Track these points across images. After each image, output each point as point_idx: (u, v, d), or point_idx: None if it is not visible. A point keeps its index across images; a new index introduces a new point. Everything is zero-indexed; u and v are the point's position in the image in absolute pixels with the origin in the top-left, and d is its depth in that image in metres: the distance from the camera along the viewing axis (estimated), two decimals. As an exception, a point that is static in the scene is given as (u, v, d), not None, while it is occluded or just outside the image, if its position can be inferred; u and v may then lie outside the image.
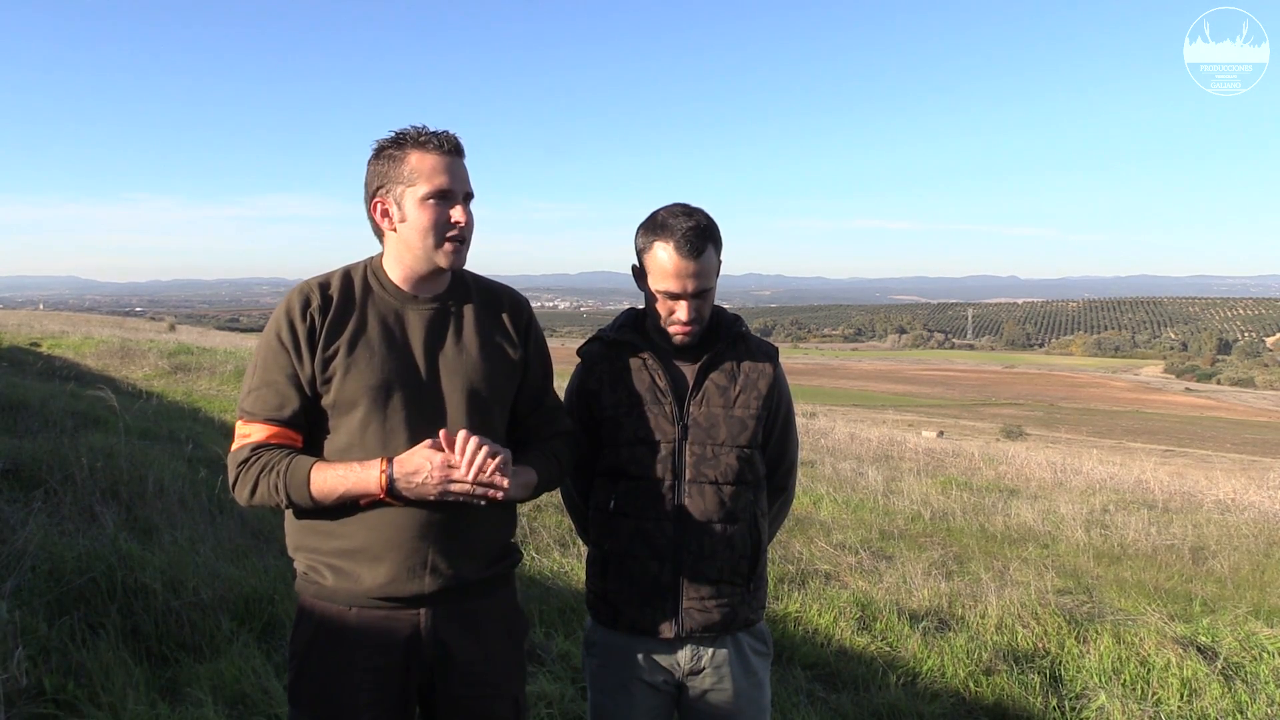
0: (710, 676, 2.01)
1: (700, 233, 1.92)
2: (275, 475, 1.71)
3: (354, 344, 1.75)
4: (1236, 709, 3.68)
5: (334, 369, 1.74)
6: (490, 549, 1.86)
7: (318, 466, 1.71)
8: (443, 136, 1.76)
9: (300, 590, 1.83)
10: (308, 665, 1.78)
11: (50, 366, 12.10)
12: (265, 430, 1.75)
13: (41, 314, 37.18)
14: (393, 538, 1.73)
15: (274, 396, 1.75)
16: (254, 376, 1.78)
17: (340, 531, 1.75)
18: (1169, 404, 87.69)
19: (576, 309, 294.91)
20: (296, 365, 1.74)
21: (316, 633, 1.78)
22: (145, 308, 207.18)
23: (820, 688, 3.70)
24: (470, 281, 1.92)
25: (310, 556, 1.79)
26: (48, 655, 2.92)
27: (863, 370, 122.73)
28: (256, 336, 11.47)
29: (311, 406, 1.77)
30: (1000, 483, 11.10)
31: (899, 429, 22.00)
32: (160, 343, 17.94)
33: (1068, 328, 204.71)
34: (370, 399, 1.73)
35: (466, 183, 1.79)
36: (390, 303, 1.81)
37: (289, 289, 1.84)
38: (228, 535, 4.40)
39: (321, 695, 1.76)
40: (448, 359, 1.81)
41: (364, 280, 1.83)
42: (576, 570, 4.64)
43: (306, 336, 1.74)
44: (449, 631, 1.79)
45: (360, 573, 1.74)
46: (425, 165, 1.74)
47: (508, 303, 1.94)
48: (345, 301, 1.79)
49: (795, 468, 2.21)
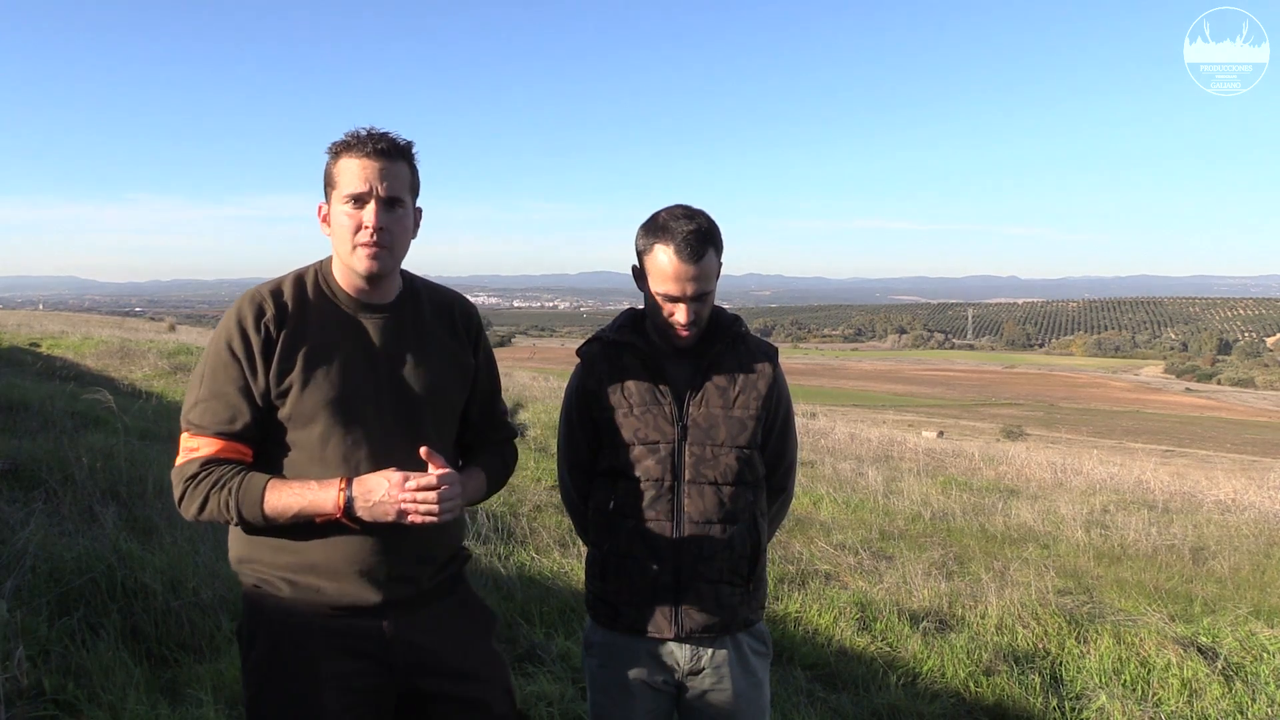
0: (710, 677, 2.01)
1: (701, 236, 1.91)
2: (227, 492, 1.66)
3: (311, 356, 1.70)
4: (1237, 709, 3.67)
5: (290, 381, 1.68)
6: (444, 555, 1.86)
7: (273, 484, 1.67)
8: (368, 137, 1.69)
9: (251, 603, 1.76)
10: (270, 680, 1.72)
11: (50, 367, 12.09)
12: (214, 444, 1.68)
13: (41, 314, 37.16)
14: (348, 553, 1.69)
15: (224, 409, 1.68)
16: (201, 387, 1.70)
17: (294, 547, 1.70)
18: (1169, 404, 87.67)
19: (576, 309, 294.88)
20: (249, 378, 1.68)
21: (276, 646, 1.72)
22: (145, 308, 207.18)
23: (820, 688, 3.70)
24: (421, 288, 1.89)
25: (261, 569, 1.73)
26: (48, 655, 2.92)
27: (863, 370, 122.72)
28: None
29: (264, 419, 1.70)
30: (1000, 483, 11.10)
31: (899, 429, 22.00)
32: (160, 343, 17.93)
33: (1068, 328, 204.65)
34: (330, 412, 1.69)
35: (390, 185, 1.69)
36: (344, 312, 1.77)
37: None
38: (227, 535, 4.39)
39: (288, 710, 1.70)
40: (408, 369, 1.78)
41: (316, 287, 1.77)
42: (576, 570, 4.64)
43: (261, 348, 1.68)
44: (414, 632, 1.77)
45: (320, 585, 1.70)
46: (346, 169, 1.69)
47: (459, 311, 1.92)
48: (300, 310, 1.73)
49: (795, 468, 2.21)
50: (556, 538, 5.27)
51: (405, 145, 1.74)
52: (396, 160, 1.71)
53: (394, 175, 1.70)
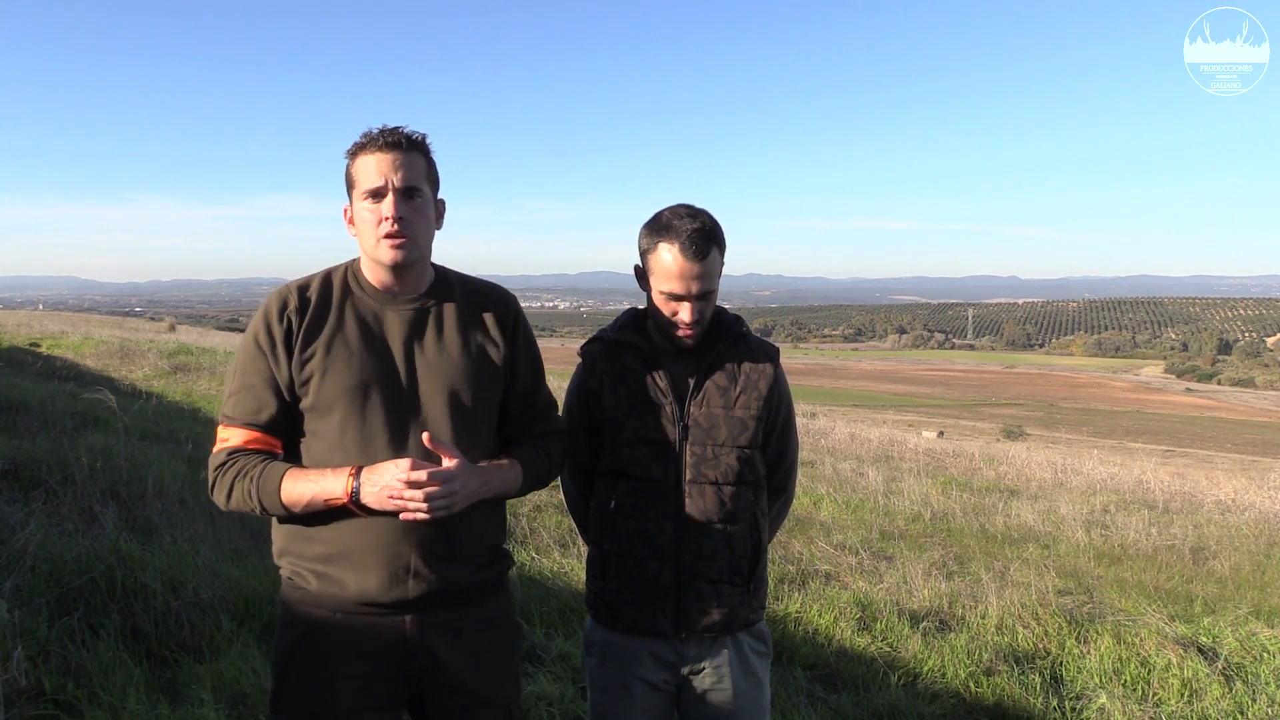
0: (710, 676, 2.01)
1: (705, 235, 1.91)
2: (249, 481, 1.69)
3: (331, 346, 1.74)
4: (1237, 709, 3.67)
5: (311, 371, 1.72)
6: (476, 553, 1.83)
7: (290, 474, 1.69)
8: (380, 132, 1.73)
9: (284, 596, 1.80)
10: (290, 672, 1.76)
11: (50, 367, 12.09)
12: (243, 435, 1.73)
13: (41, 314, 37.15)
14: (373, 543, 1.70)
15: (252, 400, 1.73)
16: (234, 380, 1.77)
17: (322, 536, 1.73)
18: (1169, 404, 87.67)
19: (576, 309, 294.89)
20: (274, 368, 1.73)
21: (300, 639, 1.76)
22: (145, 308, 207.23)
23: (820, 688, 3.70)
24: (455, 281, 1.90)
25: (294, 562, 1.77)
26: (48, 655, 2.91)
27: (863, 370, 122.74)
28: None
29: (291, 410, 1.75)
30: (1000, 483, 11.09)
31: (899, 429, 22.00)
32: (160, 343, 17.93)
33: (1068, 328, 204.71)
34: (348, 401, 1.71)
35: (405, 175, 1.73)
36: (369, 304, 1.80)
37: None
38: (228, 535, 4.39)
39: (304, 702, 1.74)
40: (428, 360, 1.78)
41: (344, 282, 1.82)
42: (576, 570, 4.64)
43: (283, 339, 1.73)
44: (435, 639, 1.77)
45: (344, 578, 1.72)
46: (362, 166, 1.74)
47: (493, 302, 1.91)
48: (323, 303, 1.78)
49: (795, 468, 2.21)
50: (556, 538, 5.26)
51: (419, 138, 1.78)
52: (410, 152, 1.75)
53: (409, 166, 1.74)
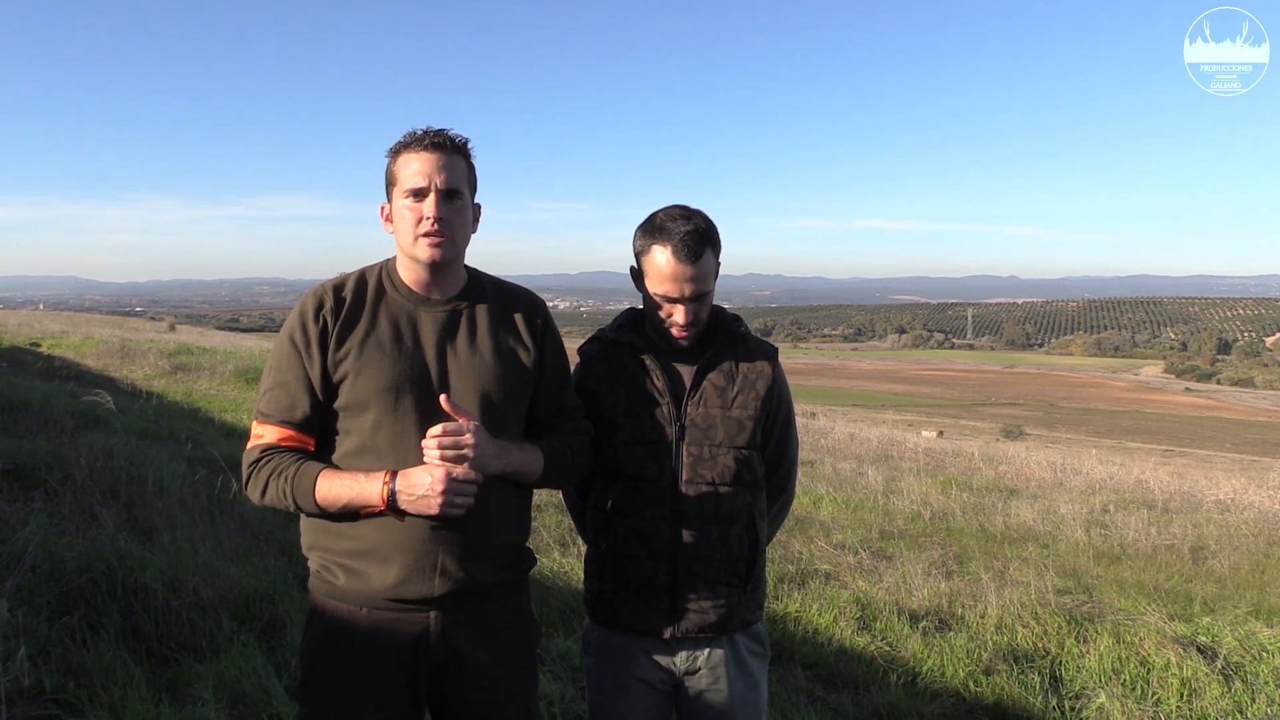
0: (706, 677, 2.01)
1: (698, 237, 1.91)
2: (284, 480, 1.73)
3: (364, 345, 1.76)
4: (1236, 709, 3.67)
5: (345, 370, 1.75)
6: (502, 552, 1.85)
7: (324, 474, 1.72)
8: (425, 133, 1.77)
9: (312, 589, 1.83)
10: (317, 664, 1.80)
11: (50, 366, 12.10)
12: (278, 432, 1.77)
13: (41, 314, 37.15)
14: (402, 539, 1.73)
15: (286, 398, 1.77)
16: (269, 377, 1.81)
17: (352, 532, 1.76)
18: (1169, 404, 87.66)
19: (576, 309, 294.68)
20: (307, 366, 1.76)
21: (326, 632, 1.79)
22: (145, 308, 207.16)
23: (820, 687, 3.70)
24: (487, 284, 1.92)
25: (323, 556, 1.80)
26: (48, 655, 2.92)
27: (863, 370, 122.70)
28: (256, 337, 11.49)
29: (325, 409, 1.77)
30: (1000, 483, 11.09)
31: (899, 429, 21.98)
32: (160, 343, 17.94)
33: (1068, 328, 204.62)
34: (381, 401, 1.74)
35: (448, 177, 1.75)
36: (403, 304, 1.82)
37: (289, 289, 1.83)
38: (228, 535, 4.39)
39: (329, 694, 1.77)
40: (459, 361, 1.80)
41: (378, 282, 1.84)
42: (576, 570, 4.64)
43: (318, 338, 1.76)
44: (458, 635, 1.79)
45: (371, 573, 1.75)
46: (405, 165, 1.77)
47: (523, 305, 1.94)
48: (357, 303, 1.80)
49: (795, 468, 2.21)
50: (556, 537, 5.27)
51: (461, 141, 1.80)
52: (453, 154, 1.78)
53: (451, 168, 1.77)
